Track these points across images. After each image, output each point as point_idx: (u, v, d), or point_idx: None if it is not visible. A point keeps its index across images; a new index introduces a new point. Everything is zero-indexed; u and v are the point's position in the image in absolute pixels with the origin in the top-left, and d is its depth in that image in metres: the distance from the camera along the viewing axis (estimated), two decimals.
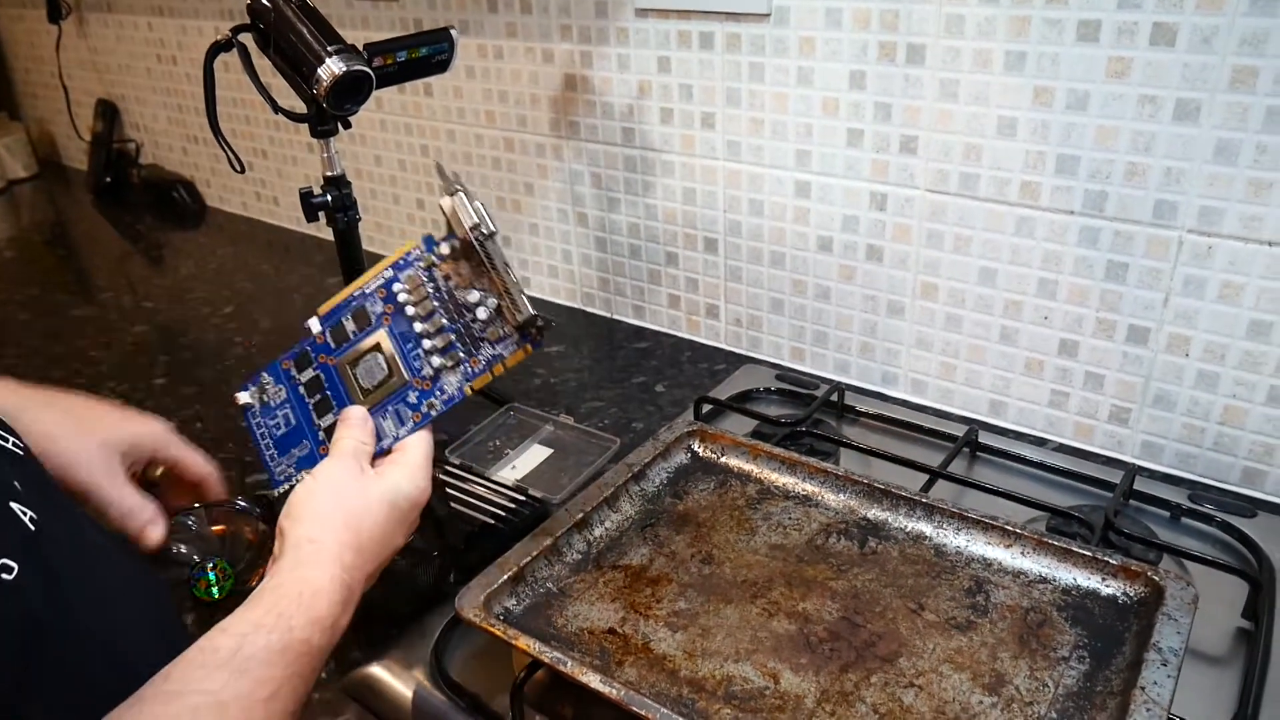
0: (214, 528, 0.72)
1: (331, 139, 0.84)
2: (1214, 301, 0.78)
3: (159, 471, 0.69)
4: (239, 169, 0.88)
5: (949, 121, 0.85)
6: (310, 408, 0.68)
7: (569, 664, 0.59)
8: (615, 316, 1.24)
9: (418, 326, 0.65)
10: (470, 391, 0.61)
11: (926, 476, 0.79)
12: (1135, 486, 0.80)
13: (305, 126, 0.84)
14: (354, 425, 0.65)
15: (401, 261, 0.67)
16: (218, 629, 0.50)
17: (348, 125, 0.84)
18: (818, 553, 0.71)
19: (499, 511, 0.84)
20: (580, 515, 0.73)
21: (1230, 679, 0.64)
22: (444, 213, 0.66)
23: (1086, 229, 0.82)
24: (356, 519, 0.58)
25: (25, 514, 0.44)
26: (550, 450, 0.93)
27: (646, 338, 1.19)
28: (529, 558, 0.68)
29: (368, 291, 0.67)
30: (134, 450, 0.67)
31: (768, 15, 0.92)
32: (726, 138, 1.01)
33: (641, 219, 1.14)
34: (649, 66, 1.04)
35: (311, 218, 0.85)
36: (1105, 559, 0.65)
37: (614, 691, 0.56)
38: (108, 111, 1.91)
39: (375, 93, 0.80)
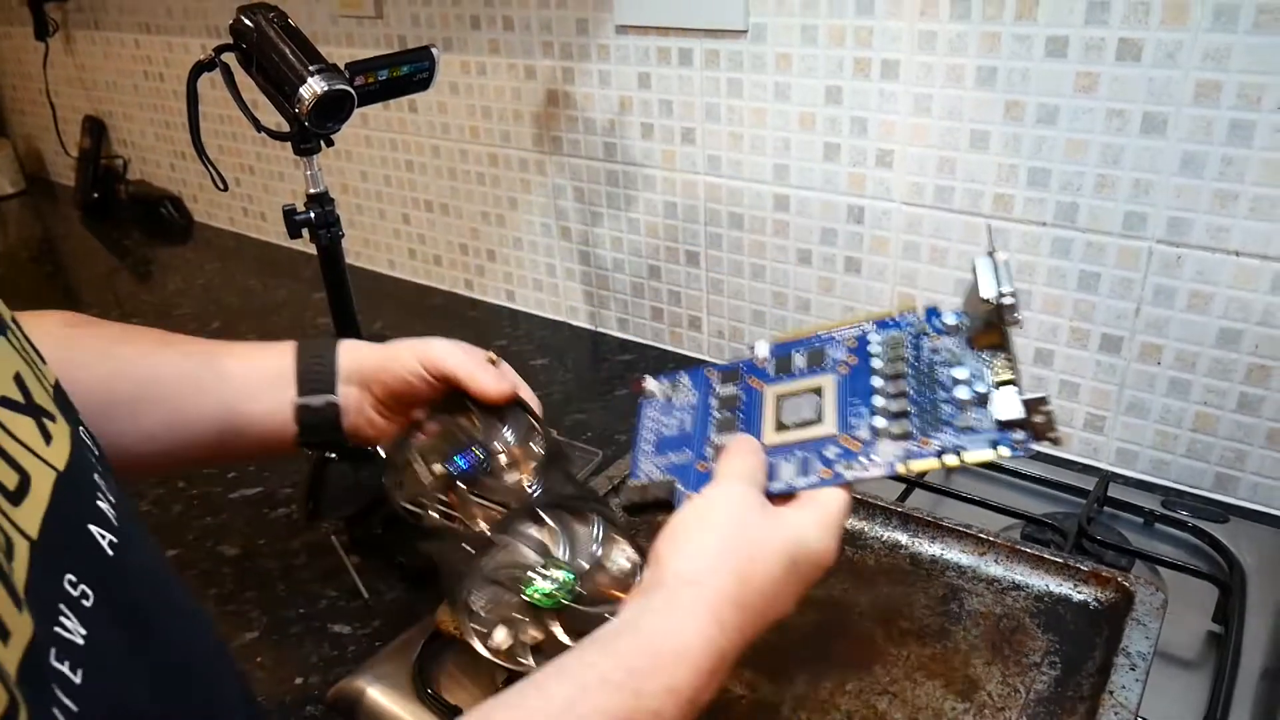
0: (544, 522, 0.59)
1: (314, 156, 0.85)
2: (1184, 310, 0.79)
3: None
4: (221, 187, 0.89)
5: (923, 135, 0.86)
6: (712, 422, 0.59)
7: None
8: (600, 329, 1.25)
9: (876, 382, 0.54)
10: (904, 470, 0.50)
11: (904, 486, 0.80)
12: (1110, 493, 0.82)
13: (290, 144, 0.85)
14: (747, 453, 0.53)
15: (889, 320, 0.57)
16: (555, 667, 0.42)
17: (330, 143, 0.85)
18: None
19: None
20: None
21: (1201, 682, 0.65)
22: (973, 273, 0.53)
23: (1059, 240, 0.83)
24: (749, 567, 0.47)
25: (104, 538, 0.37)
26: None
27: (630, 350, 1.20)
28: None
29: (836, 337, 0.58)
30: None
31: (745, 32, 0.93)
32: (706, 152, 1.02)
33: (624, 233, 1.15)
34: (629, 82, 1.05)
35: (295, 234, 0.85)
36: (1077, 565, 0.67)
37: None
38: (95, 128, 1.91)
39: (360, 109, 0.81)
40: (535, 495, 0.60)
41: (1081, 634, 0.64)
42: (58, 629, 0.31)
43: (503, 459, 0.62)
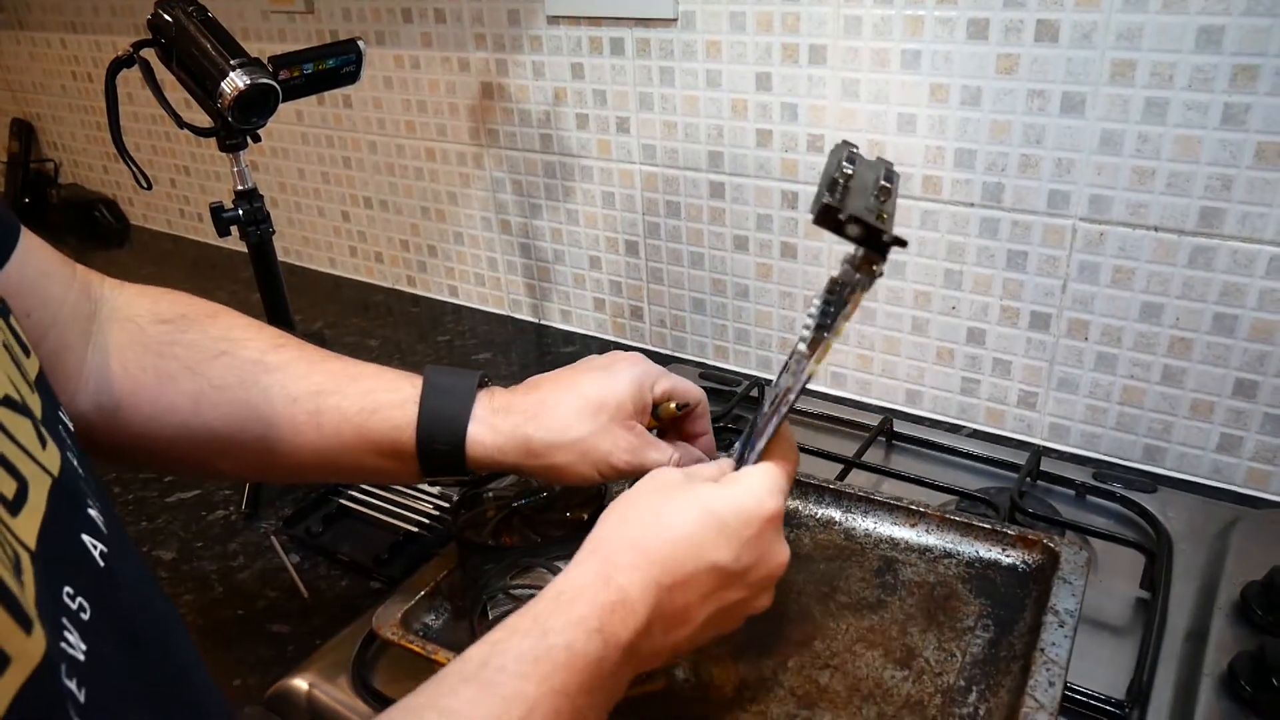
0: None
1: (241, 152, 0.84)
2: (1108, 286, 0.81)
3: (672, 408, 0.62)
4: (145, 186, 0.87)
5: (852, 120, 0.87)
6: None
7: None
8: (543, 322, 1.25)
9: (806, 320, 0.54)
10: (812, 368, 0.50)
11: (842, 466, 0.81)
12: (1043, 467, 0.83)
13: None
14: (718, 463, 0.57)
15: None
16: (482, 638, 0.44)
17: (257, 139, 0.84)
18: None
19: (424, 520, 0.84)
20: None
21: (1129, 646, 0.66)
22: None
23: (986, 220, 0.84)
24: (652, 515, 0.49)
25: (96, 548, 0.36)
26: None
27: (574, 341, 1.20)
28: (446, 571, 0.69)
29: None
30: (639, 403, 0.60)
31: (674, 20, 0.93)
32: (641, 141, 1.02)
33: (563, 224, 1.15)
34: (563, 73, 1.05)
35: (223, 233, 0.84)
36: (1004, 530, 0.68)
37: None
38: (23, 131, 1.86)
39: (295, 105, 0.80)
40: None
41: (1012, 596, 0.65)
42: (63, 644, 0.29)
43: (564, 507, 0.69)
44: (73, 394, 0.54)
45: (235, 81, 0.75)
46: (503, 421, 0.58)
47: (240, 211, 0.84)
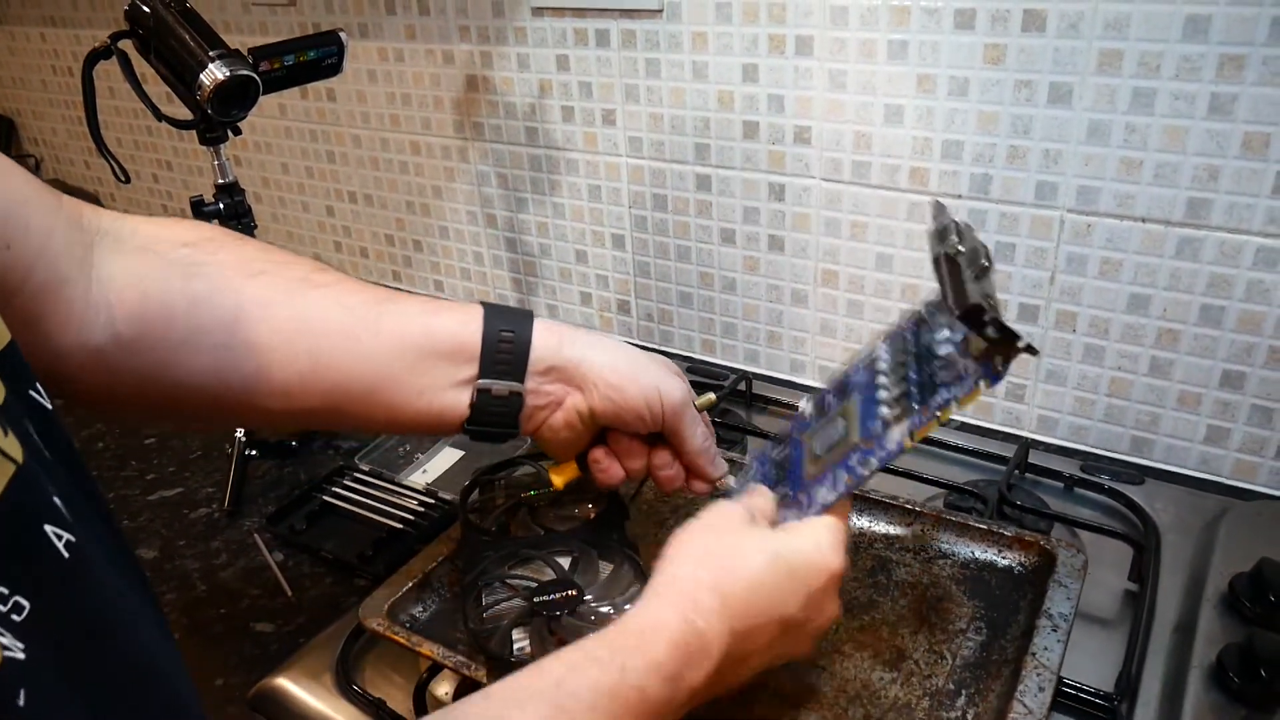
0: None
1: (222, 145, 0.83)
2: (1095, 278, 0.81)
3: (702, 400, 0.64)
4: (123, 179, 0.86)
5: (839, 111, 0.87)
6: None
7: (472, 666, 0.59)
8: None
9: (880, 380, 0.55)
10: (909, 444, 0.51)
11: None
12: (1031, 460, 0.83)
13: None
14: (754, 492, 0.57)
15: (895, 329, 0.57)
16: (555, 654, 0.44)
17: (237, 131, 0.83)
18: None
19: (408, 516, 0.83)
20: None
21: (1118, 638, 0.66)
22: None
23: (974, 211, 0.84)
24: (728, 559, 0.49)
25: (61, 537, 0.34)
26: (461, 453, 0.93)
27: None
28: (434, 563, 0.68)
29: (858, 363, 0.58)
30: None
31: (660, 11, 0.92)
32: (628, 134, 1.02)
33: (550, 218, 1.14)
34: (548, 65, 1.04)
35: None
36: (1000, 531, 0.67)
37: None
38: (3, 126, 1.84)
39: (278, 99, 0.79)
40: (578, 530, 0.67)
41: (1006, 598, 0.65)
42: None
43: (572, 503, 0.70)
44: (79, 329, 0.50)
45: (214, 73, 0.74)
46: (564, 337, 0.59)
47: (221, 205, 0.83)
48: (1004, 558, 0.67)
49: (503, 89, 1.09)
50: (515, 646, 0.58)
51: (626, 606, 0.59)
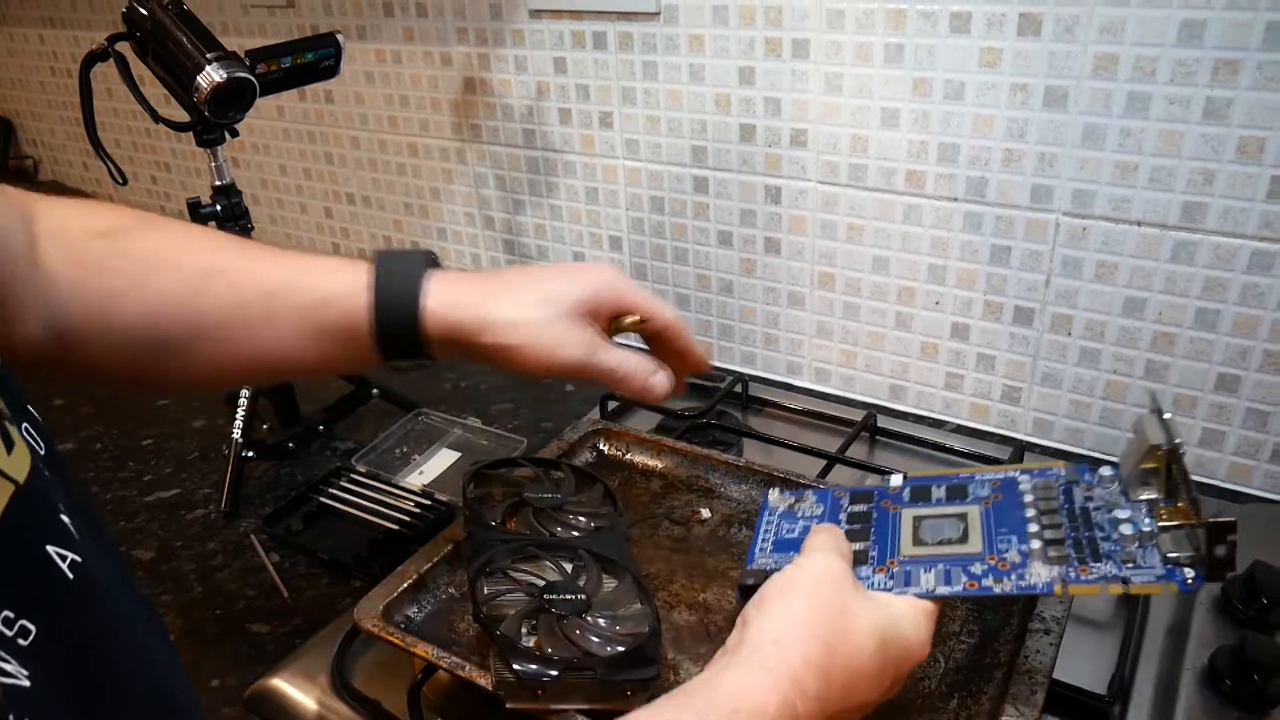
0: None
1: (219, 148, 0.83)
2: (1091, 281, 0.81)
3: (629, 321, 0.60)
4: (120, 181, 0.86)
5: (836, 114, 0.87)
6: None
7: (466, 667, 0.59)
8: None
9: (1029, 513, 0.55)
10: (1059, 591, 0.50)
11: (825, 462, 0.81)
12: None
13: None
14: (832, 532, 0.54)
15: (1038, 472, 0.58)
16: (634, 715, 0.41)
17: (235, 134, 0.83)
18: (719, 543, 0.72)
19: (404, 517, 0.83)
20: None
21: (1112, 642, 0.66)
22: (1136, 431, 0.56)
23: (970, 215, 0.84)
24: (835, 637, 0.46)
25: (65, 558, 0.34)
26: (458, 454, 0.93)
27: None
28: (430, 564, 0.68)
29: (979, 477, 0.59)
30: (595, 307, 0.58)
31: (657, 14, 0.93)
32: (625, 136, 1.02)
33: (547, 220, 1.14)
34: (546, 68, 1.04)
35: None
36: None
37: None
38: (2, 128, 1.85)
39: (276, 101, 0.80)
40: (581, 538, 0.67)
41: (1000, 602, 0.65)
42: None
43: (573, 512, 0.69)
44: (25, 322, 0.52)
45: (211, 75, 0.74)
46: (459, 297, 0.56)
47: (218, 207, 0.83)
48: None
49: (500, 91, 1.09)
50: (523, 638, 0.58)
51: (628, 623, 0.59)
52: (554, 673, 0.53)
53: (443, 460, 0.92)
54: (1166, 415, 0.52)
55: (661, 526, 0.74)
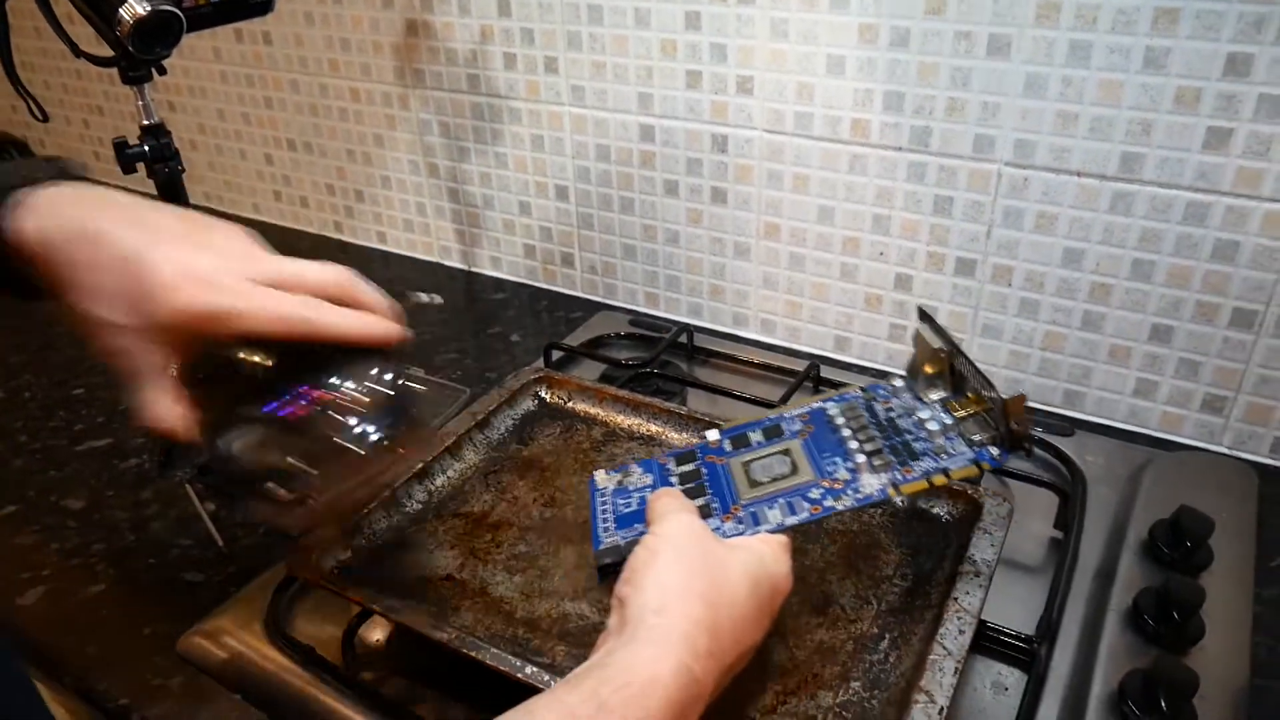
0: None
1: (146, 85, 0.80)
2: (1031, 232, 0.81)
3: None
4: (41, 118, 0.83)
5: (781, 61, 0.86)
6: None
7: (401, 611, 0.59)
8: (473, 269, 1.22)
9: (844, 433, 0.60)
10: (894, 494, 0.55)
11: (768, 412, 0.81)
12: None
13: None
14: (673, 494, 0.55)
15: (838, 397, 0.63)
16: (523, 710, 0.40)
17: (162, 70, 0.80)
18: None
19: None
20: (420, 465, 0.72)
21: (1041, 584, 0.67)
22: (915, 343, 0.62)
23: (914, 164, 0.84)
24: (713, 591, 0.46)
25: None
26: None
27: (504, 289, 1.18)
28: (365, 512, 0.67)
29: (787, 415, 0.63)
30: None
31: None
32: (570, 82, 1.00)
33: (492, 168, 1.12)
34: (489, 10, 1.01)
35: (128, 170, 0.81)
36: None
37: (444, 635, 0.56)
38: None
39: (212, 43, 0.77)
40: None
41: (933, 546, 0.65)
42: None
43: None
44: None
45: (134, 8, 0.71)
46: (62, 209, 0.50)
47: (146, 148, 0.80)
48: (933, 507, 0.68)
49: (444, 34, 1.07)
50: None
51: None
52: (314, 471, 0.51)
53: None
54: (940, 322, 0.60)
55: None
